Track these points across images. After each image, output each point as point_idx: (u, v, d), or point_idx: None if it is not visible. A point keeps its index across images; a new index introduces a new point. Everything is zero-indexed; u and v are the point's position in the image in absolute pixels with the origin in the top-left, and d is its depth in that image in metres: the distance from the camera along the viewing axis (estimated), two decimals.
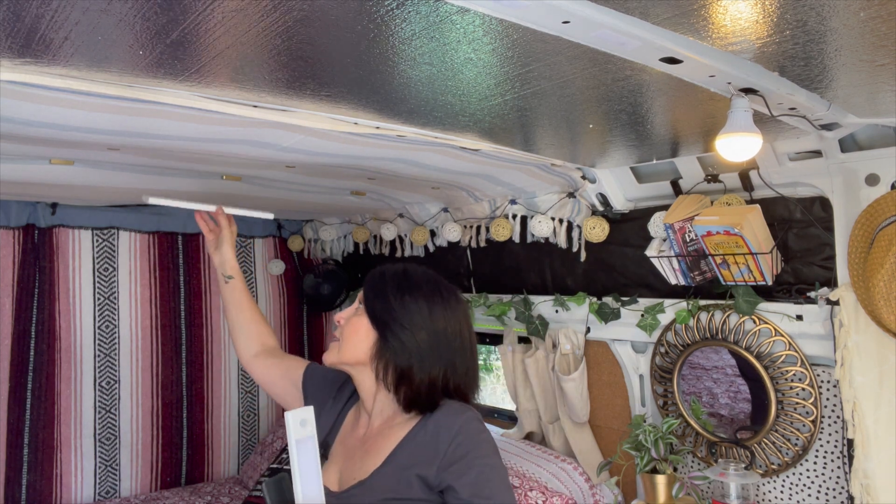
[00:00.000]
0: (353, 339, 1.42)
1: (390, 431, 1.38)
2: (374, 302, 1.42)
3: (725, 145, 1.41)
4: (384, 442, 1.37)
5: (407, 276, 1.44)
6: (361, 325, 1.42)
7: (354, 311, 1.46)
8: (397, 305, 1.39)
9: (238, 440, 3.80)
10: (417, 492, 1.26)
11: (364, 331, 1.41)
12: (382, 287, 1.42)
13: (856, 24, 1.06)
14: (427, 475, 1.26)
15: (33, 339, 3.16)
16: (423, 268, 1.50)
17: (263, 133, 1.78)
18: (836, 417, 2.02)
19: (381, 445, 1.37)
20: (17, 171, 2.31)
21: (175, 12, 1.04)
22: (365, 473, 1.34)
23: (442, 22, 1.07)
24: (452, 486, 1.24)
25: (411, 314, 1.39)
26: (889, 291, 1.70)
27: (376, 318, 1.41)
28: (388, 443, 1.36)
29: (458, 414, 1.33)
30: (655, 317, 2.38)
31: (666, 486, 2.23)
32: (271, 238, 4.01)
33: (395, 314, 1.39)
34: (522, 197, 2.72)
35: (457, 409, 1.35)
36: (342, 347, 1.44)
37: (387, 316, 1.39)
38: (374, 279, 1.45)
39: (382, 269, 1.47)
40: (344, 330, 1.44)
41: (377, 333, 1.40)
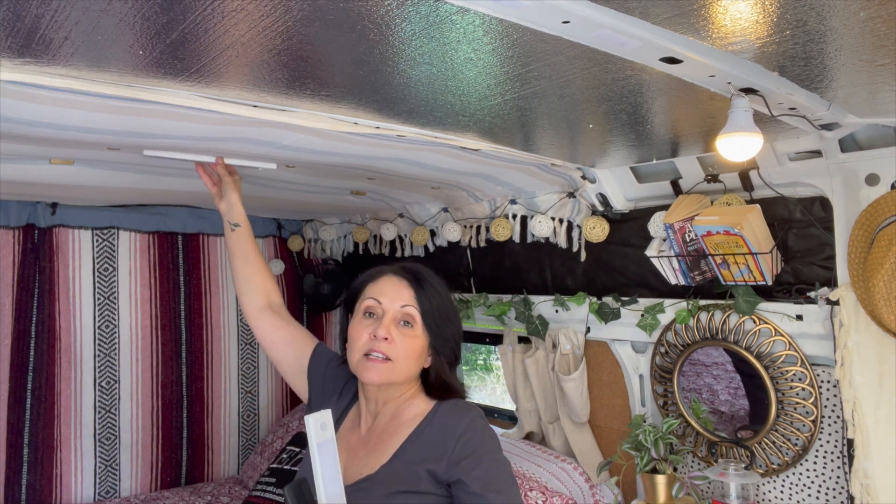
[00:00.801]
0: (410, 360, 1.40)
1: (396, 429, 1.40)
2: (438, 327, 1.42)
3: (726, 145, 1.42)
4: (389, 440, 1.39)
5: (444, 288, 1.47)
6: (418, 345, 1.41)
7: (398, 325, 1.41)
8: (454, 321, 1.45)
9: (238, 440, 3.80)
10: (426, 485, 1.30)
11: (421, 350, 1.42)
12: (440, 305, 1.43)
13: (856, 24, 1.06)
14: (436, 470, 1.30)
15: (33, 339, 3.16)
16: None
17: (263, 132, 1.78)
18: (836, 417, 2.02)
19: (388, 443, 1.39)
20: (17, 171, 2.31)
21: (175, 12, 1.04)
22: (372, 469, 1.36)
23: (442, 22, 1.07)
24: (463, 479, 1.27)
25: (460, 324, 1.47)
26: (889, 291, 1.70)
27: (438, 337, 1.43)
28: (394, 440, 1.39)
29: (464, 413, 1.38)
30: (655, 317, 2.38)
31: (666, 486, 2.23)
32: (271, 238, 4.01)
33: (455, 331, 1.44)
34: (522, 197, 2.72)
35: (462, 408, 1.40)
36: (397, 369, 1.39)
37: (448, 335, 1.43)
38: (430, 299, 1.43)
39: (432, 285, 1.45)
40: (398, 351, 1.38)
41: (433, 349, 1.44)
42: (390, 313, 1.40)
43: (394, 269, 1.48)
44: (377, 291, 1.44)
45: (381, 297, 1.42)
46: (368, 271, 1.53)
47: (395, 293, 1.42)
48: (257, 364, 3.90)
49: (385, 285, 1.45)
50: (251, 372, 3.87)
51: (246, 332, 3.87)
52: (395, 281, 1.44)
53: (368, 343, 1.38)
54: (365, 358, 1.38)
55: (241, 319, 3.84)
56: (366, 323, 1.42)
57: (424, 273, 1.46)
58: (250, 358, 3.87)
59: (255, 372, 3.89)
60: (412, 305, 1.41)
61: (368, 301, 1.43)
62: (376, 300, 1.42)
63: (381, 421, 1.44)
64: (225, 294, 3.79)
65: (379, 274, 1.48)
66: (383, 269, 1.49)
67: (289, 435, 3.40)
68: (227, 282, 3.81)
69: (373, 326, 1.39)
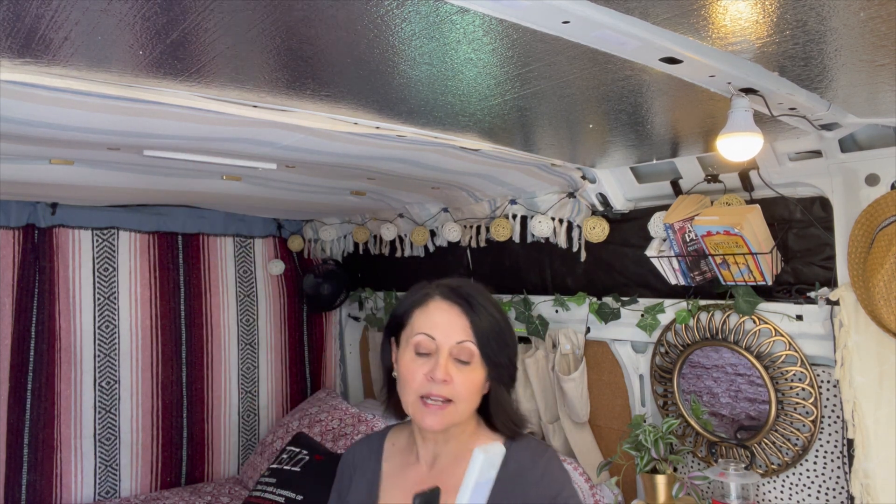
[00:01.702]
0: (471, 398, 1.30)
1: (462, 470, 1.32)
2: (496, 355, 1.30)
3: (726, 145, 1.42)
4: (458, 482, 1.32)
5: (496, 304, 1.34)
6: (478, 380, 1.30)
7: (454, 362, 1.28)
8: (511, 342, 1.34)
9: (238, 440, 3.80)
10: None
11: (481, 383, 1.31)
12: (498, 333, 1.31)
13: (856, 24, 1.06)
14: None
15: (33, 339, 3.16)
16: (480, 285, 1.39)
17: (263, 132, 1.78)
18: (836, 417, 2.02)
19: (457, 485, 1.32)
20: (17, 171, 2.31)
21: (175, 12, 1.04)
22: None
23: (442, 22, 1.07)
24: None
25: (515, 341, 1.36)
26: (889, 291, 1.70)
27: (497, 366, 1.31)
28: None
29: (541, 454, 1.33)
30: (655, 317, 2.38)
31: (666, 486, 2.23)
32: (271, 238, 4.01)
33: (512, 353, 1.34)
34: (522, 197, 2.72)
35: (537, 452, 1.34)
36: (459, 410, 1.28)
37: (505, 361, 1.32)
38: (486, 327, 1.29)
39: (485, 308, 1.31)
40: (458, 391, 1.27)
41: (494, 381, 1.33)
42: (445, 350, 1.27)
43: (442, 292, 1.32)
44: (429, 325, 1.29)
45: (433, 332, 1.28)
46: (413, 293, 1.37)
47: (449, 326, 1.28)
48: (257, 364, 3.90)
49: (436, 315, 1.30)
50: (251, 372, 3.87)
51: (246, 331, 3.87)
52: (447, 308, 1.30)
53: (425, 385, 1.26)
54: (422, 402, 1.26)
55: (241, 319, 3.85)
56: (419, 362, 1.28)
57: (475, 294, 1.32)
58: (250, 358, 3.87)
59: (255, 372, 3.89)
60: (469, 340, 1.27)
61: (419, 337, 1.29)
62: (429, 336, 1.28)
63: (445, 460, 1.35)
64: (225, 294, 3.79)
65: (426, 298, 1.33)
66: (430, 292, 1.33)
67: (289, 435, 3.39)
68: (227, 282, 3.81)
69: (428, 366, 1.26)
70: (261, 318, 3.92)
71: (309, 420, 3.44)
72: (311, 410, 3.53)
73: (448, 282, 1.35)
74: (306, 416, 3.49)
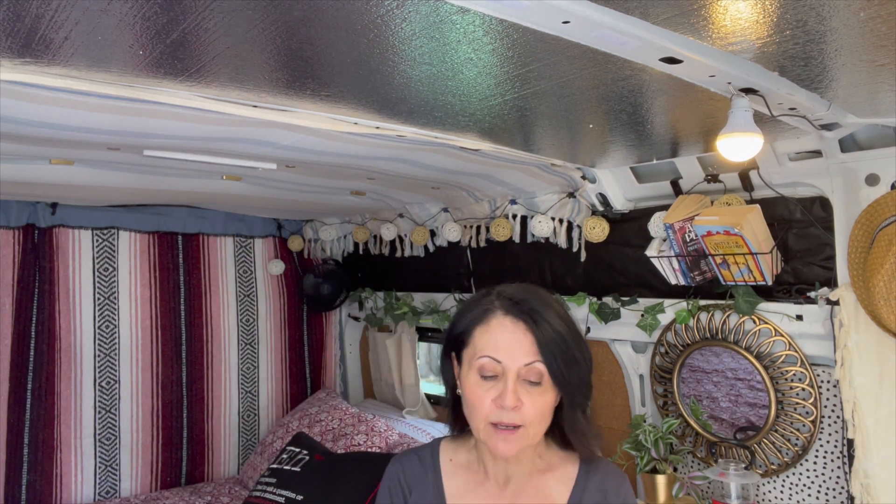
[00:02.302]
0: (542, 421, 1.22)
1: (542, 489, 1.30)
2: (567, 374, 1.20)
3: (726, 145, 1.42)
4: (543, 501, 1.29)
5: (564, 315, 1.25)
6: (549, 401, 1.22)
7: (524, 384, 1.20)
8: (583, 356, 1.23)
9: (238, 440, 3.80)
10: None
11: (552, 404, 1.23)
12: (566, 350, 1.20)
13: (856, 24, 1.06)
14: None
15: (33, 339, 3.16)
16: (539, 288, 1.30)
17: (263, 132, 1.78)
18: (836, 417, 2.02)
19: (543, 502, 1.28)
20: (17, 171, 2.31)
21: (175, 12, 1.04)
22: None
23: (442, 22, 1.07)
24: None
25: (588, 355, 1.26)
26: (889, 291, 1.70)
27: (569, 386, 1.22)
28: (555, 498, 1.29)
29: (623, 480, 1.34)
30: (655, 317, 2.38)
31: (666, 486, 2.23)
32: (271, 238, 4.01)
33: (585, 369, 1.24)
34: (522, 197, 2.72)
35: (616, 472, 1.34)
36: (531, 434, 1.21)
37: (577, 379, 1.22)
38: (554, 343, 1.19)
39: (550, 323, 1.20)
40: (529, 415, 1.19)
41: (564, 399, 1.25)
42: (513, 373, 1.18)
43: (504, 306, 1.22)
44: (492, 346, 1.20)
45: (498, 355, 1.19)
46: (472, 306, 1.27)
47: (515, 346, 1.19)
48: (257, 364, 3.90)
49: (500, 334, 1.20)
50: (251, 372, 3.87)
51: (246, 331, 3.87)
52: (511, 326, 1.20)
53: (494, 412, 1.19)
54: (493, 428, 1.20)
55: (241, 319, 3.85)
56: (486, 386, 1.20)
57: (540, 307, 1.22)
58: (250, 358, 3.87)
59: (255, 372, 3.89)
60: (538, 360, 1.18)
61: (484, 360, 1.20)
62: (494, 359, 1.19)
63: (518, 480, 1.31)
64: (225, 294, 3.79)
65: (487, 315, 1.23)
66: (490, 308, 1.24)
67: (289, 435, 3.40)
68: (227, 282, 3.81)
69: (495, 390, 1.19)
70: (261, 318, 3.92)
71: (309, 420, 3.44)
72: (311, 410, 3.53)
73: (510, 292, 1.26)
74: (306, 416, 3.49)
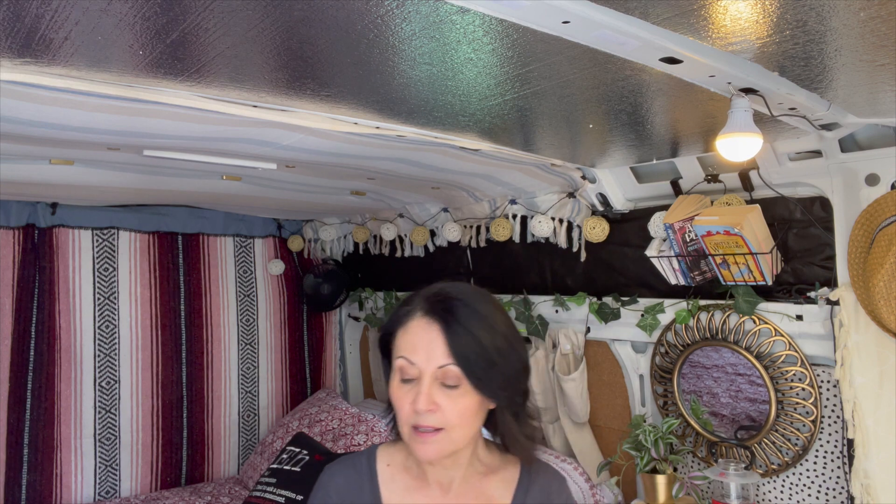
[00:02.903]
0: (466, 423, 1.18)
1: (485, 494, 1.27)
2: (485, 380, 1.16)
3: (726, 145, 1.42)
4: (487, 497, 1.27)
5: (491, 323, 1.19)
6: (472, 403, 1.17)
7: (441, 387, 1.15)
8: (507, 361, 1.18)
9: (238, 440, 3.80)
10: None
11: (477, 406, 1.18)
12: (482, 353, 1.15)
13: (856, 24, 1.06)
14: None
15: (33, 339, 3.16)
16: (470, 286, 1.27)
17: (263, 132, 1.78)
18: (836, 417, 2.02)
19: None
20: (17, 171, 2.31)
21: (175, 12, 1.04)
22: None
23: (442, 22, 1.07)
24: None
25: (516, 360, 1.21)
26: (889, 291, 1.70)
27: (488, 390, 1.18)
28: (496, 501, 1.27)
29: (563, 483, 1.33)
30: (655, 317, 2.38)
31: (666, 486, 2.23)
32: (271, 238, 4.01)
33: (508, 374, 1.19)
34: (522, 197, 2.72)
35: (556, 476, 1.33)
36: (453, 438, 1.17)
37: (499, 383, 1.18)
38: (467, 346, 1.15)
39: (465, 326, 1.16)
40: (449, 418, 1.15)
41: (492, 402, 1.21)
42: (428, 376, 1.15)
43: (423, 308, 1.19)
44: (409, 347, 1.17)
45: (413, 357, 1.16)
46: (398, 307, 1.25)
47: (430, 348, 1.15)
48: (257, 364, 3.90)
49: (416, 336, 1.17)
50: (251, 372, 3.87)
51: (246, 332, 3.87)
52: (426, 327, 1.17)
53: (412, 416, 1.15)
54: (415, 432, 1.16)
55: (241, 319, 3.85)
56: (405, 389, 1.17)
57: (459, 308, 1.18)
58: (250, 358, 3.87)
59: (255, 372, 3.89)
60: (451, 363, 1.14)
61: (400, 361, 1.18)
62: (409, 361, 1.16)
63: (458, 485, 1.27)
64: (225, 294, 3.79)
65: (408, 316, 1.20)
66: (413, 308, 1.21)
67: (289, 435, 3.39)
68: (228, 282, 3.81)
69: (412, 394, 1.15)
70: (261, 318, 3.92)
71: (309, 420, 3.44)
72: (311, 410, 3.53)
73: (437, 290, 1.23)
74: (306, 416, 3.49)
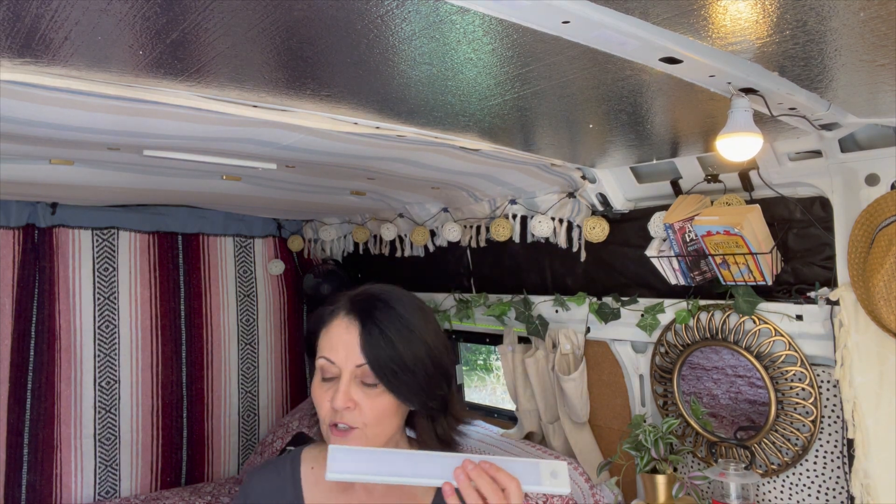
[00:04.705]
0: (383, 422, 1.18)
1: (408, 493, 1.25)
2: (396, 383, 1.16)
3: (726, 145, 1.41)
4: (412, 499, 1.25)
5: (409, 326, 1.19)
6: (389, 402, 1.18)
7: (359, 385, 1.17)
8: (421, 366, 1.18)
9: (238, 440, 3.80)
10: None
11: (392, 407, 1.19)
12: (393, 355, 1.16)
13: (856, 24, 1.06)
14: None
15: (33, 339, 3.16)
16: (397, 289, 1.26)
17: (263, 132, 1.78)
18: (836, 417, 2.02)
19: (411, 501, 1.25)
20: (17, 171, 2.31)
21: (175, 12, 1.04)
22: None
23: (442, 22, 1.07)
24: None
25: (435, 366, 1.20)
26: (889, 291, 1.70)
27: (400, 394, 1.17)
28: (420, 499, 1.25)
29: None
30: (655, 317, 2.38)
31: (666, 486, 2.23)
32: (271, 238, 4.01)
33: (421, 379, 1.18)
34: (522, 197, 2.72)
35: None
36: (369, 436, 1.17)
37: (412, 388, 1.18)
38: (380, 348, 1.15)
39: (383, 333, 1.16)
40: (366, 416, 1.16)
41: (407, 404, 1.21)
42: (346, 374, 1.16)
43: (346, 307, 1.21)
44: (329, 346, 1.19)
45: (332, 356, 1.17)
46: (322, 308, 1.27)
47: (349, 347, 1.17)
48: (257, 364, 3.90)
49: (336, 336, 1.19)
50: (251, 372, 3.87)
51: (246, 332, 3.87)
52: (346, 326, 1.18)
53: (330, 414, 1.17)
54: (332, 430, 1.18)
55: (241, 319, 3.85)
56: (324, 387, 1.19)
57: (378, 307, 1.19)
58: (250, 358, 3.87)
59: (255, 372, 3.89)
60: (365, 362, 1.16)
61: (321, 361, 1.20)
62: (328, 360, 1.18)
63: (380, 486, 1.25)
64: (225, 294, 3.79)
65: (331, 316, 1.22)
66: (337, 307, 1.22)
67: (289, 435, 3.40)
68: (228, 282, 3.81)
69: (331, 392, 1.17)
70: (261, 318, 3.92)
71: (309, 420, 3.44)
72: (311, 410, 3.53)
73: (361, 290, 1.24)
74: (306, 416, 3.49)
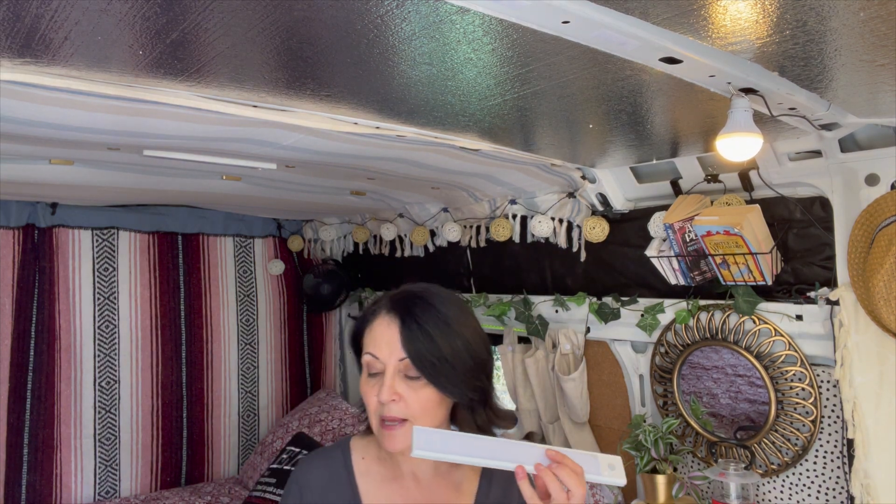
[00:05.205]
0: (430, 413, 1.22)
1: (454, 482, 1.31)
2: (437, 376, 1.20)
3: (726, 145, 1.42)
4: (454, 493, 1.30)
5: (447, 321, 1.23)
6: (431, 394, 1.21)
7: (403, 379, 1.21)
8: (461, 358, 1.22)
9: (238, 440, 3.80)
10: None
11: (436, 399, 1.22)
12: (432, 349, 1.20)
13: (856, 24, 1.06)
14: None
15: (33, 339, 3.16)
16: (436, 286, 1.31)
17: (263, 132, 1.78)
18: (836, 417, 2.02)
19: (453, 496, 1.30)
20: (17, 171, 2.31)
21: (175, 12, 1.04)
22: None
23: (442, 22, 1.07)
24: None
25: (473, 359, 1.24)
26: (889, 291, 1.70)
27: (442, 386, 1.21)
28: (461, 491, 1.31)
29: None
30: (655, 317, 2.38)
31: (666, 486, 2.23)
32: (271, 238, 4.01)
33: (462, 371, 1.22)
34: (522, 197, 2.72)
35: None
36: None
37: (458, 383, 1.22)
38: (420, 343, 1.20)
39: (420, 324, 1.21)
40: (413, 409, 1.20)
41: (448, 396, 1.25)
42: (391, 369, 1.21)
43: (387, 305, 1.27)
44: (373, 343, 1.24)
45: (377, 352, 1.23)
46: (370, 305, 1.32)
47: (391, 343, 1.22)
48: (257, 364, 3.90)
49: (379, 333, 1.24)
50: (251, 372, 3.87)
51: (246, 332, 3.87)
52: (388, 323, 1.24)
53: (379, 408, 1.22)
54: (382, 425, 1.22)
55: (241, 319, 3.85)
56: (371, 383, 1.24)
57: (417, 303, 1.25)
58: (250, 358, 3.87)
59: (255, 372, 3.89)
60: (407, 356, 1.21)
61: (366, 357, 1.25)
62: (373, 356, 1.24)
63: (430, 473, 1.31)
64: (225, 294, 3.79)
65: (373, 315, 1.28)
66: (378, 307, 1.28)
67: (289, 435, 3.40)
68: (227, 282, 3.81)
69: (377, 387, 1.22)
70: (261, 318, 3.92)
71: (309, 420, 3.44)
72: (311, 410, 3.53)
73: (401, 290, 1.30)
74: (306, 416, 3.49)
